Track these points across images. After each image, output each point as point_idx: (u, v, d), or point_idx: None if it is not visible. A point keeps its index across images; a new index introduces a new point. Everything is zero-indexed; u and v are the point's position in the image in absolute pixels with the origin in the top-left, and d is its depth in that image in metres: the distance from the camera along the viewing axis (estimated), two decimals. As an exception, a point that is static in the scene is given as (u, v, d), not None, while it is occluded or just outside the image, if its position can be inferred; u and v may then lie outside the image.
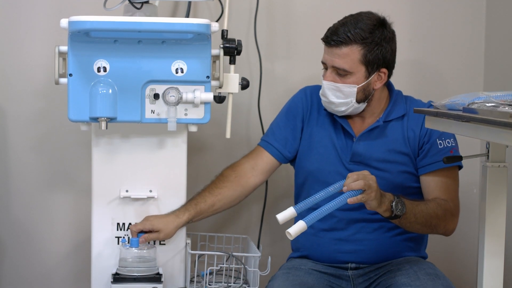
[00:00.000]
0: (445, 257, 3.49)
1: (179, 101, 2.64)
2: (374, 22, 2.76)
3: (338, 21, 2.79)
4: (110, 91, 2.61)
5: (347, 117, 2.86)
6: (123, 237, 2.78)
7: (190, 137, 2.82)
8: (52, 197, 3.33)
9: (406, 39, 3.46)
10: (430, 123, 2.55)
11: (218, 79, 2.72)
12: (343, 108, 2.78)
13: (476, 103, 2.22)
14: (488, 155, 2.52)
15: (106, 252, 2.78)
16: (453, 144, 2.81)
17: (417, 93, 3.41)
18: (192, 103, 2.66)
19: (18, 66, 3.27)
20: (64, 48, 2.64)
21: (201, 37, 2.63)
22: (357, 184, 2.47)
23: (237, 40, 2.75)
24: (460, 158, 2.65)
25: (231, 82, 2.76)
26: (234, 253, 2.79)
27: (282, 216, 2.48)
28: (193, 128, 2.74)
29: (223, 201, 2.88)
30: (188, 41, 2.64)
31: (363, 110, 2.83)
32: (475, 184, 3.54)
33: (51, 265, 3.37)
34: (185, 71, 2.65)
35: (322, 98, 2.81)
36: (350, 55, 2.73)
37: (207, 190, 2.89)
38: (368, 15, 2.78)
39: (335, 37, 2.73)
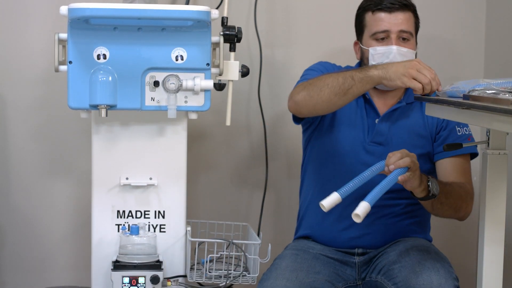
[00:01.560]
0: (445, 244, 3.49)
1: (179, 89, 2.64)
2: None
3: None
4: (110, 78, 2.61)
5: (372, 94, 2.88)
6: (123, 225, 2.78)
7: (190, 124, 2.82)
8: (52, 185, 3.34)
9: (407, 26, 3.45)
10: (431, 110, 2.55)
11: (218, 66, 2.71)
12: None
13: (477, 90, 2.22)
14: (488, 143, 2.51)
15: (106, 240, 2.79)
16: (470, 133, 2.86)
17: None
18: (192, 91, 2.65)
19: (18, 53, 3.26)
20: (63, 36, 2.63)
21: (201, 24, 2.62)
22: (404, 161, 2.49)
23: (237, 27, 2.75)
24: (459, 145, 2.65)
25: (231, 70, 2.76)
26: (234, 241, 2.80)
27: (328, 202, 2.42)
28: (193, 116, 2.73)
29: None
30: (188, 29, 2.64)
31: (388, 90, 2.85)
32: (475, 171, 3.53)
33: (51, 253, 3.38)
34: (185, 58, 2.65)
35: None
36: (411, 20, 2.83)
37: None
38: None
39: (397, 1, 2.80)
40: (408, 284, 2.57)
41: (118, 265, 2.65)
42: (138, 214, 2.78)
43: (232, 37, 2.74)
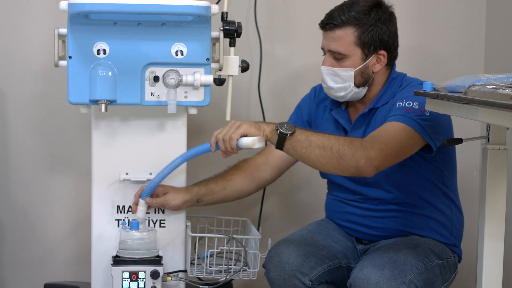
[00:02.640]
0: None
1: (179, 84, 2.64)
2: (369, 3, 2.74)
3: (335, 6, 2.78)
4: (110, 73, 2.61)
5: (349, 105, 2.85)
6: (123, 220, 2.78)
7: (190, 119, 2.82)
8: (52, 180, 3.34)
9: (407, 22, 3.45)
10: (431, 106, 2.55)
11: (218, 61, 2.71)
12: (342, 93, 2.76)
13: (477, 85, 2.22)
14: (488, 138, 2.51)
15: (106, 235, 2.79)
16: (414, 106, 2.63)
17: (417, 76, 3.41)
18: (192, 86, 2.65)
19: (18, 48, 3.26)
20: (63, 31, 2.63)
21: (201, 19, 2.62)
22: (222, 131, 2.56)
23: (237, 22, 2.74)
24: (460, 140, 2.65)
25: (231, 65, 2.75)
26: (235, 236, 2.80)
27: (140, 213, 2.74)
28: (193, 111, 2.73)
29: (234, 186, 2.89)
30: (188, 23, 2.63)
31: (365, 96, 2.80)
32: (475, 167, 3.54)
33: (51, 248, 3.38)
34: (185, 53, 2.64)
35: (322, 84, 2.80)
36: (344, 38, 2.71)
37: (219, 175, 2.92)
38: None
39: (329, 21, 2.73)
40: (354, 274, 2.57)
41: (118, 260, 2.66)
42: (138, 209, 2.78)
43: (232, 32, 2.73)
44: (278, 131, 2.51)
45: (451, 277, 2.79)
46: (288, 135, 2.50)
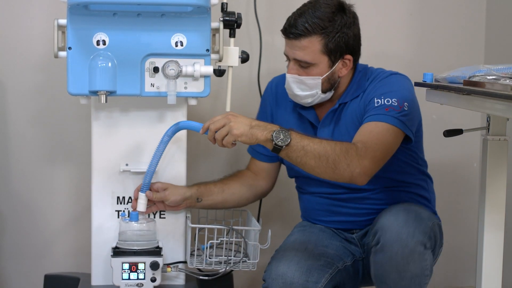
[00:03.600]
0: (445, 230, 3.49)
1: (178, 75, 2.63)
2: (332, 8, 2.68)
3: (296, 10, 2.72)
4: (110, 64, 2.60)
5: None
6: (123, 211, 2.78)
7: (190, 110, 2.81)
8: (51, 171, 3.33)
9: (407, 13, 3.45)
10: (431, 97, 2.55)
11: (218, 52, 2.71)
12: (309, 100, 2.74)
13: (477, 76, 2.22)
14: (488, 129, 2.52)
15: (106, 226, 2.79)
16: (393, 103, 2.62)
17: (417, 66, 3.42)
18: (192, 77, 2.65)
19: (18, 40, 3.26)
20: (63, 22, 2.62)
21: (200, 10, 2.61)
22: (216, 123, 2.52)
23: (237, 13, 2.74)
24: (460, 131, 2.65)
25: (231, 56, 2.75)
26: (234, 227, 2.79)
27: (141, 206, 2.73)
28: (193, 102, 2.73)
29: (231, 190, 2.89)
30: (187, 14, 2.63)
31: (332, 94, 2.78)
32: (476, 158, 3.54)
33: (51, 239, 3.38)
34: (184, 44, 2.64)
35: (288, 91, 2.77)
36: (310, 47, 2.66)
37: (217, 180, 2.92)
38: (326, 2, 2.69)
39: (293, 29, 2.67)
40: (377, 222, 2.58)
41: (118, 252, 2.66)
42: (138, 200, 2.78)
43: (232, 23, 2.73)
44: (273, 143, 2.47)
45: (442, 242, 2.81)
46: (284, 147, 2.48)
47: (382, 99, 2.63)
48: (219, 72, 2.73)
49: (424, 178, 2.88)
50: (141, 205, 2.71)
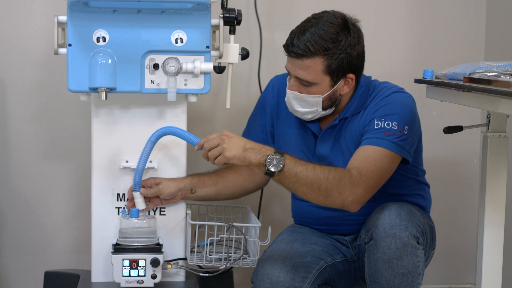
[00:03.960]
0: (445, 227, 3.49)
1: (178, 71, 2.63)
2: (337, 29, 2.61)
3: (299, 26, 2.67)
4: (110, 61, 2.60)
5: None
6: (123, 208, 2.78)
7: (190, 107, 2.81)
8: (51, 168, 3.34)
9: (407, 9, 3.45)
10: (431, 93, 2.55)
11: (218, 49, 2.71)
12: (309, 116, 2.72)
13: (477, 72, 2.21)
14: (488, 125, 2.52)
15: (106, 223, 2.78)
16: (393, 127, 2.59)
17: (417, 63, 3.42)
18: (192, 73, 2.65)
19: (18, 36, 3.25)
20: (63, 18, 2.62)
21: (200, 6, 2.61)
22: (210, 143, 2.51)
23: (237, 10, 2.74)
24: (460, 128, 2.65)
25: (231, 52, 2.75)
26: (235, 223, 2.79)
27: (139, 204, 2.73)
28: (193, 99, 2.73)
29: (226, 183, 2.88)
30: (187, 11, 2.63)
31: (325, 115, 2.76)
32: (476, 154, 3.54)
33: (51, 236, 3.38)
34: (184, 41, 2.64)
35: (287, 105, 2.75)
36: (313, 67, 2.62)
37: (213, 171, 2.91)
38: (330, 20, 2.62)
39: (295, 48, 2.61)
40: (369, 220, 2.59)
41: (118, 248, 2.66)
42: (138, 197, 2.78)
43: (232, 20, 2.73)
44: (266, 168, 2.47)
45: (435, 245, 2.80)
46: (276, 172, 2.47)
47: (383, 122, 2.61)
48: (219, 69, 2.74)
49: (422, 187, 2.86)
50: (140, 203, 2.71)
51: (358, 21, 2.68)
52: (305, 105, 2.69)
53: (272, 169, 2.46)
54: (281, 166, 2.46)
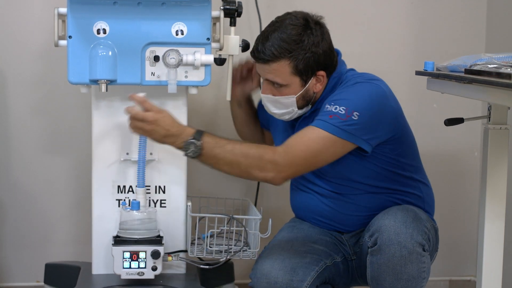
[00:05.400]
0: (446, 219, 3.49)
1: (179, 63, 2.63)
2: (299, 30, 2.64)
3: (263, 32, 2.70)
4: (110, 53, 2.60)
5: None
6: (124, 200, 2.78)
7: (191, 99, 2.81)
8: (52, 160, 3.33)
9: (408, 1, 3.44)
10: (432, 85, 2.55)
11: (218, 41, 2.70)
12: (287, 117, 2.74)
13: (478, 64, 2.21)
14: (489, 117, 2.51)
15: (106, 215, 2.79)
16: (340, 112, 2.56)
17: (418, 55, 3.41)
18: (193, 65, 2.64)
19: (18, 28, 3.25)
20: (63, 10, 2.62)
21: (201, -2, 2.62)
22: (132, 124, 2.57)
23: (238, 1, 2.74)
24: (461, 120, 2.64)
25: (232, 44, 2.75)
26: (235, 216, 2.80)
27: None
28: (194, 91, 2.73)
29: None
30: (188, 3, 2.62)
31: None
32: (476, 146, 3.53)
33: (51, 228, 3.38)
34: (185, 33, 2.64)
35: (265, 108, 2.77)
36: (280, 70, 2.65)
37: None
38: (292, 22, 2.65)
39: (261, 54, 2.65)
40: (373, 223, 2.58)
41: (118, 240, 2.66)
42: (139, 189, 2.77)
43: (233, 12, 2.73)
44: (185, 154, 2.54)
45: (438, 246, 2.78)
46: (196, 157, 2.54)
47: (331, 106, 2.60)
48: (220, 61, 2.73)
49: (416, 185, 2.80)
50: (142, 199, 2.71)
51: (321, 17, 2.70)
52: (280, 106, 2.71)
53: (191, 154, 2.53)
54: (199, 151, 2.53)
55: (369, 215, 2.71)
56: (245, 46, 2.79)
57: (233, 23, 2.75)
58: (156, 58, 2.63)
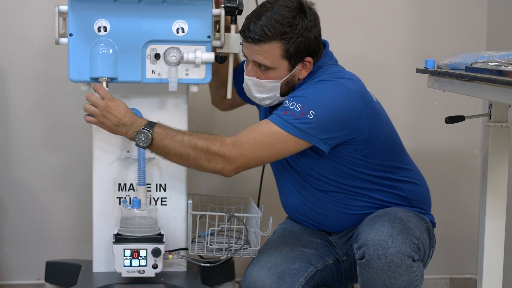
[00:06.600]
0: (446, 217, 3.49)
1: (180, 61, 2.63)
2: (293, 12, 2.59)
3: (255, 11, 2.64)
4: (111, 51, 2.60)
5: None
6: (125, 198, 2.78)
7: (191, 97, 2.81)
8: (53, 157, 3.33)
9: (409, -1, 3.44)
10: (433, 83, 2.55)
11: (219, 39, 2.70)
12: (267, 102, 2.72)
13: (479, 62, 2.21)
14: (490, 115, 2.51)
15: (107, 213, 2.79)
16: (295, 109, 2.53)
17: (419, 53, 3.41)
18: (193, 63, 2.64)
19: (18, 26, 3.25)
20: (64, 8, 2.62)
21: (202, -4, 2.61)
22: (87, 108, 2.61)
23: (238, -1, 2.73)
24: (462, 118, 2.64)
25: (232, 42, 2.74)
26: (236, 214, 2.79)
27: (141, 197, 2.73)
28: (194, 88, 2.72)
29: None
30: (189, 1, 2.62)
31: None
32: (477, 144, 3.54)
33: (52, 226, 3.38)
34: (186, 31, 2.63)
35: (246, 92, 2.74)
36: (270, 51, 2.60)
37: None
38: (286, 4, 2.60)
39: (252, 34, 2.59)
40: (361, 235, 2.54)
41: (119, 238, 2.66)
42: (139, 187, 2.78)
43: (234, 10, 2.72)
44: (136, 144, 2.58)
45: (434, 242, 2.76)
46: (146, 147, 2.58)
47: (289, 102, 2.57)
48: (221, 59, 2.73)
49: (393, 184, 2.73)
50: (143, 197, 2.71)
51: (313, 4, 2.67)
52: (263, 90, 2.68)
53: (141, 144, 2.57)
54: (149, 141, 2.56)
55: (350, 214, 2.72)
56: (245, 44, 2.78)
57: (234, 21, 2.75)
58: (157, 56, 2.63)
